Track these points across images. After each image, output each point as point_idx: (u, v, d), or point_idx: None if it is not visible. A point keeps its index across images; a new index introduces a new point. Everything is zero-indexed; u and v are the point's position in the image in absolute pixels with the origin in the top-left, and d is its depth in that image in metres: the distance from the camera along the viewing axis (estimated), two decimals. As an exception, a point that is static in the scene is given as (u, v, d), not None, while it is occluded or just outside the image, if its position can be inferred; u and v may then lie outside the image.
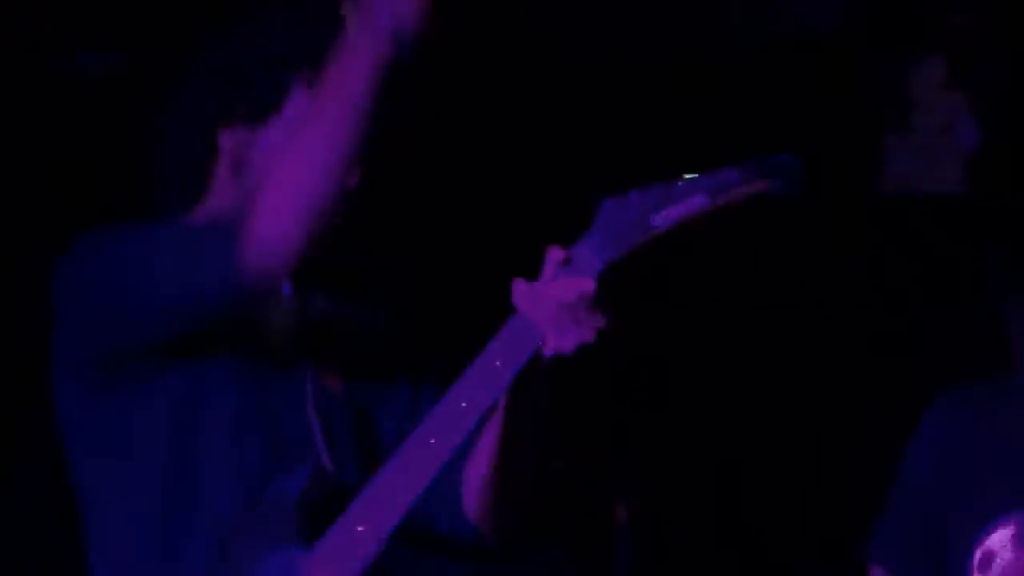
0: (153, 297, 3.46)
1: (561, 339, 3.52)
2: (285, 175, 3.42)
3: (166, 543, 3.55)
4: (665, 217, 3.57)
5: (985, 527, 3.77)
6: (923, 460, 3.94)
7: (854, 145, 6.54)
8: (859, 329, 6.49)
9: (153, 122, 3.82)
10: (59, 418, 3.63)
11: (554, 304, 3.51)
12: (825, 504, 6.27)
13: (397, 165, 4.04)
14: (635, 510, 6.03)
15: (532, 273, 3.59)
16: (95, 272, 3.50)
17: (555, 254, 3.51)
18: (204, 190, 3.73)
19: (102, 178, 5.48)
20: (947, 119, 6.38)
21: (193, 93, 3.77)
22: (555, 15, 6.39)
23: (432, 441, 3.59)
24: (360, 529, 3.57)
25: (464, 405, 3.62)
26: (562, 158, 6.38)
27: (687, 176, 3.55)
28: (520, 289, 3.55)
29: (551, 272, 3.51)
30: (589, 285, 3.48)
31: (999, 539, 3.77)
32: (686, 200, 3.56)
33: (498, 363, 3.59)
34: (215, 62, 3.78)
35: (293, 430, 3.64)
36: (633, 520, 6.01)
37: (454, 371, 3.65)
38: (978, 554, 3.78)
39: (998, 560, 3.78)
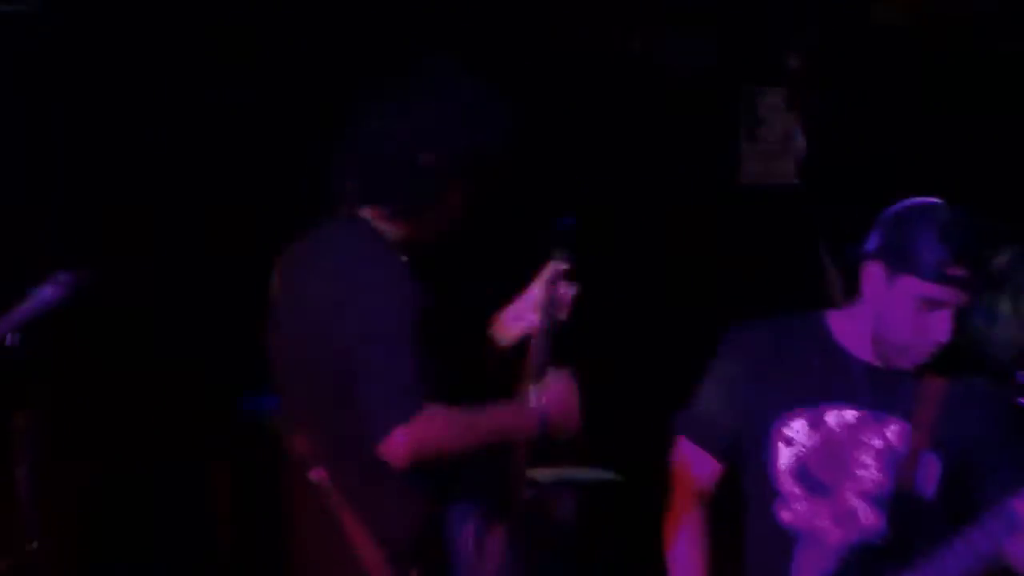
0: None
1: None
2: (433, 441, 4.25)
3: None
4: None
5: (781, 416, 4.34)
6: (736, 360, 4.49)
7: (719, 150, 7.28)
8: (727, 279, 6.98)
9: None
10: None
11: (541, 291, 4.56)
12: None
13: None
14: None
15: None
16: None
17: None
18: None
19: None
20: (785, 132, 7.22)
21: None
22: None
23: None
24: None
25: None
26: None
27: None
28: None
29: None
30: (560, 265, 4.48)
31: (797, 426, 4.36)
32: None
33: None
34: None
35: None
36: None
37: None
38: (779, 434, 4.37)
39: (796, 439, 4.35)
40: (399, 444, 4.30)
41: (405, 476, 4.39)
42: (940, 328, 4.29)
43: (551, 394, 4.56)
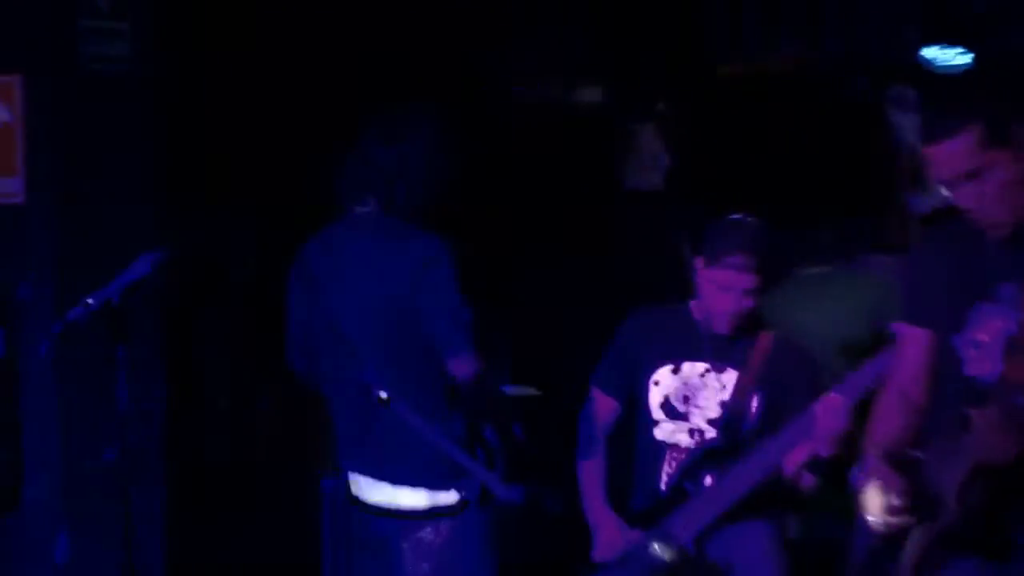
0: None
1: None
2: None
3: None
4: None
5: (654, 368, 4.51)
6: (630, 335, 4.60)
7: (610, 166, 7.15)
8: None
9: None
10: None
11: None
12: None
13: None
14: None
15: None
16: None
17: None
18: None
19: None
20: (655, 153, 7.12)
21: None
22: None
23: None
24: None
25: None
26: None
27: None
28: None
29: None
30: None
31: (663, 374, 4.52)
32: None
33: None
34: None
35: None
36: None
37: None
38: (652, 379, 4.51)
39: (662, 382, 4.51)
40: (469, 361, 4.25)
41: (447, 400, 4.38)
42: (728, 301, 4.44)
43: None
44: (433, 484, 4.37)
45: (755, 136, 6.78)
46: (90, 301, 3.89)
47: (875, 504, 3.45)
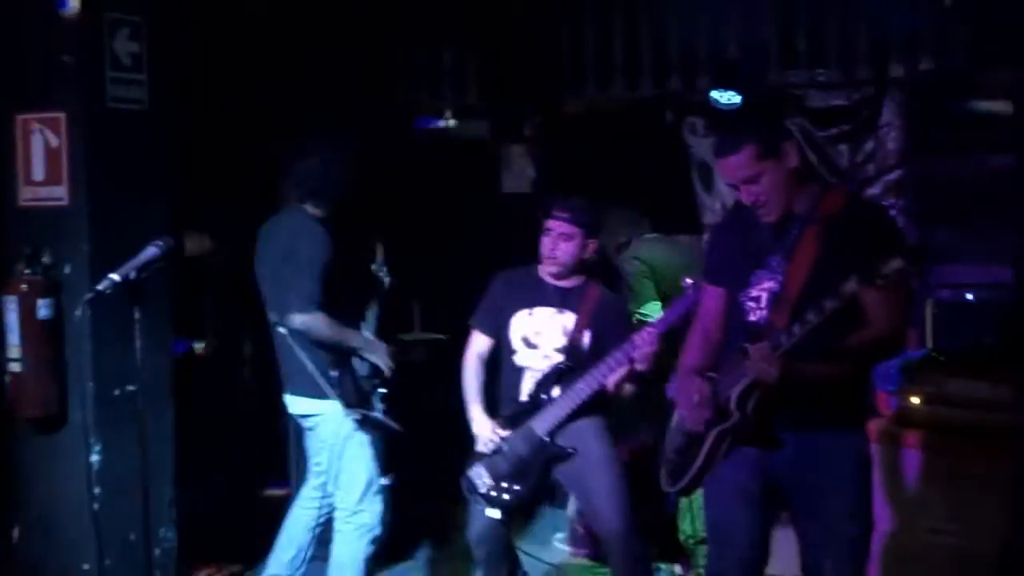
0: None
1: None
2: (315, 328, 4.32)
3: None
4: None
5: (514, 313, 4.53)
6: (496, 289, 4.61)
7: (490, 175, 7.07)
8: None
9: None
10: None
11: None
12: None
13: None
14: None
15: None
16: None
17: None
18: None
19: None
20: (523, 167, 7.04)
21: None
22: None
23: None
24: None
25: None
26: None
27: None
28: None
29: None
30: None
31: (520, 316, 4.52)
32: None
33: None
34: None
35: None
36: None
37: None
38: (513, 320, 4.53)
39: (520, 323, 4.50)
40: (292, 320, 4.33)
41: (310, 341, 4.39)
42: (548, 242, 4.47)
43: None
44: (313, 395, 4.45)
45: (594, 153, 6.71)
46: (115, 276, 3.81)
47: (688, 403, 3.49)
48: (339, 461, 4.46)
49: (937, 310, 5.01)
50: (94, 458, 4.55)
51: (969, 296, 5.04)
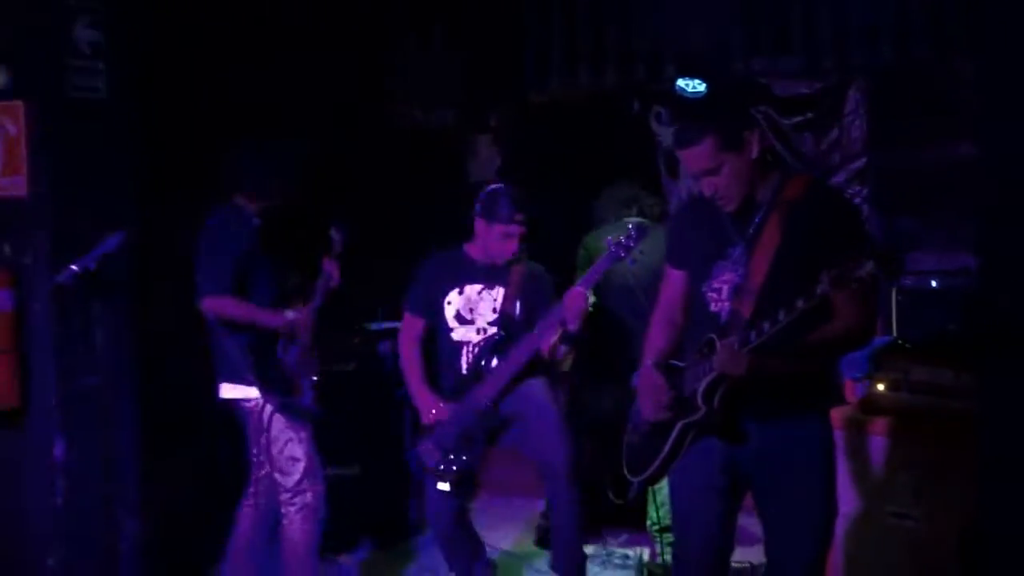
0: None
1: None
2: (220, 310, 4.34)
3: None
4: None
5: (445, 292, 4.74)
6: (427, 271, 4.79)
7: (456, 164, 7.04)
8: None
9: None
10: None
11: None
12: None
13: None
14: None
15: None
16: None
17: None
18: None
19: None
20: (490, 156, 7.11)
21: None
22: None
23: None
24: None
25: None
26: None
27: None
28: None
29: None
30: None
31: (452, 295, 4.74)
32: None
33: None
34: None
35: None
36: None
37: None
38: (446, 300, 4.74)
39: (452, 301, 4.71)
40: (202, 303, 4.36)
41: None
42: (511, 248, 4.68)
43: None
44: (237, 381, 4.45)
45: (559, 142, 6.75)
46: (73, 267, 3.81)
47: (650, 400, 3.47)
48: (272, 444, 4.42)
49: (901, 297, 4.96)
50: (57, 451, 4.51)
51: (933, 283, 5.02)
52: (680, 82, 6.08)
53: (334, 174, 4.90)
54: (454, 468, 4.51)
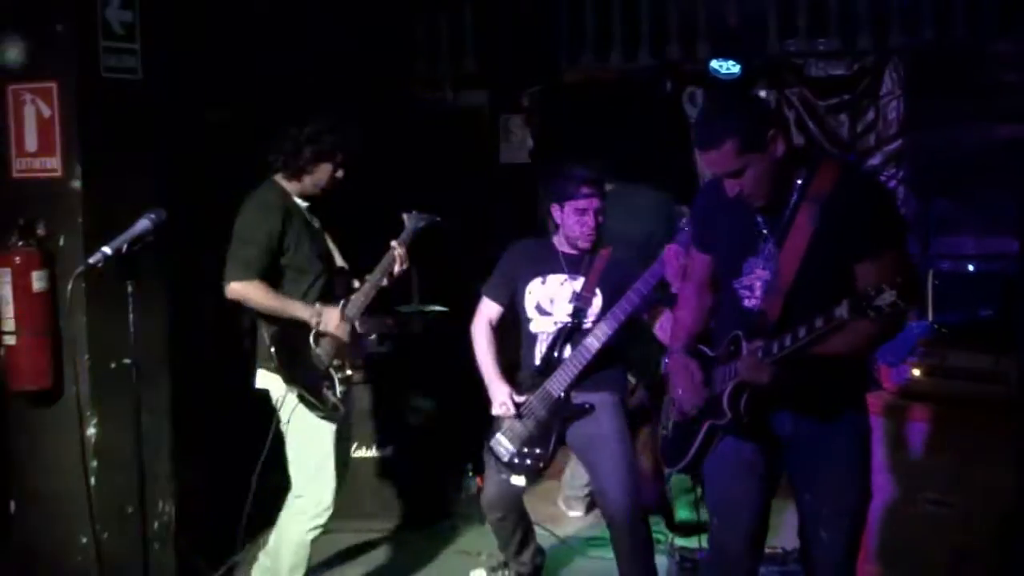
0: None
1: None
2: (250, 298, 4.19)
3: None
4: None
5: (528, 280, 4.54)
6: (510, 259, 4.59)
7: (489, 146, 7.03)
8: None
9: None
10: None
11: None
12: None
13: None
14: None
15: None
16: None
17: None
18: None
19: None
20: (523, 137, 6.99)
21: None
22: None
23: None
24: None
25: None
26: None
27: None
28: None
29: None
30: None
31: (534, 284, 4.54)
32: None
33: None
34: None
35: None
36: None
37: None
38: (527, 289, 4.54)
39: (534, 291, 4.55)
40: (228, 289, 4.22)
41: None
42: (589, 224, 4.45)
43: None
44: (267, 368, 4.31)
45: (592, 122, 6.60)
46: (106, 250, 3.72)
47: (685, 384, 3.42)
48: (288, 437, 4.30)
49: (938, 282, 4.89)
50: (90, 431, 4.47)
51: (971, 267, 4.93)
52: (714, 63, 6.01)
53: (367, 154, 4.78)
54: (529, 463, 4.39)
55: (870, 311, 2.80)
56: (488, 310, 4.63)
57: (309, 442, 4.30)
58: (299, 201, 4.37)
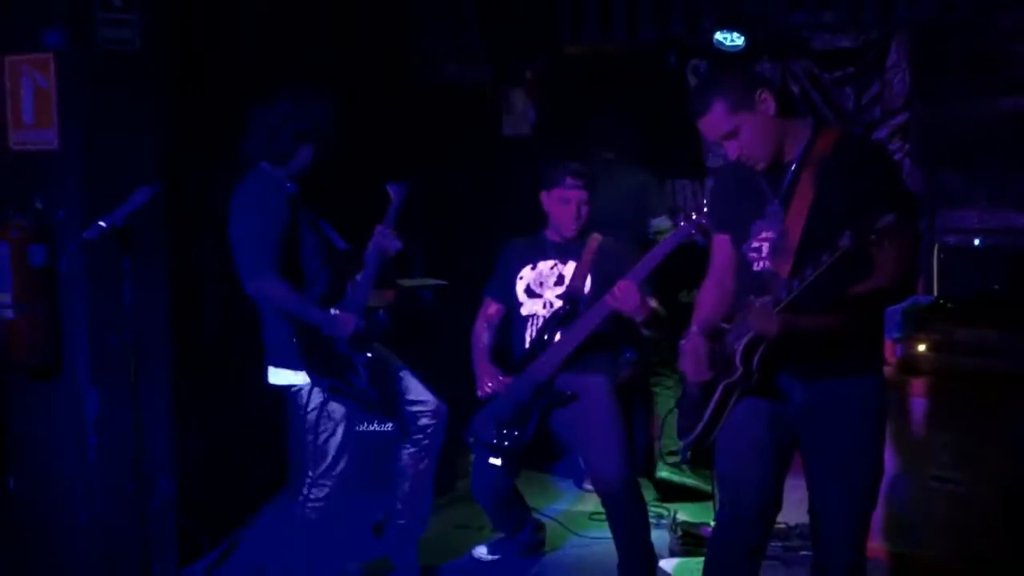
0: None
1: None
2: (270, 296, 4.07)
3: None
4: None
5: (520, 268, 4.67)
6: (505, 256, 4.75)
7: (491, 120, 6.89)
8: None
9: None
10: None
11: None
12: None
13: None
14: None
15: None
16: None
17: None
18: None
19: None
20: (524, 109, 6.92)
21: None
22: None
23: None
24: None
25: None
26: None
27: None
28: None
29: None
30: None
31: (526, 271, 4.65)
32: None
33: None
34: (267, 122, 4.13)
35: None
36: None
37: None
38: (518, 276, 4.66)
39: (524, 276, 4.63)
40: (247, 290, 4.12)
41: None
42: (571, 213, 4.56)
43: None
44: (285, 365, 4.20)
45: (594, 96, 6.52)
46: (102, 223, 3.64)
47: (691, 363, 3.43)
48: (309, 431, 4.21)
49: (943, 255, 4.85)
50: (89, 407, 4.44)
51: (976, 241, 4.89)
52: (718, 35, 5.93)
53: (365, 131, 4.67)
54: (506, 444, 4.40)
55: (872, 235, 2.83)
56: (488, 309, 4.76)
57: (333, 436, 4.23)
58: (290, 186, 4.24)
